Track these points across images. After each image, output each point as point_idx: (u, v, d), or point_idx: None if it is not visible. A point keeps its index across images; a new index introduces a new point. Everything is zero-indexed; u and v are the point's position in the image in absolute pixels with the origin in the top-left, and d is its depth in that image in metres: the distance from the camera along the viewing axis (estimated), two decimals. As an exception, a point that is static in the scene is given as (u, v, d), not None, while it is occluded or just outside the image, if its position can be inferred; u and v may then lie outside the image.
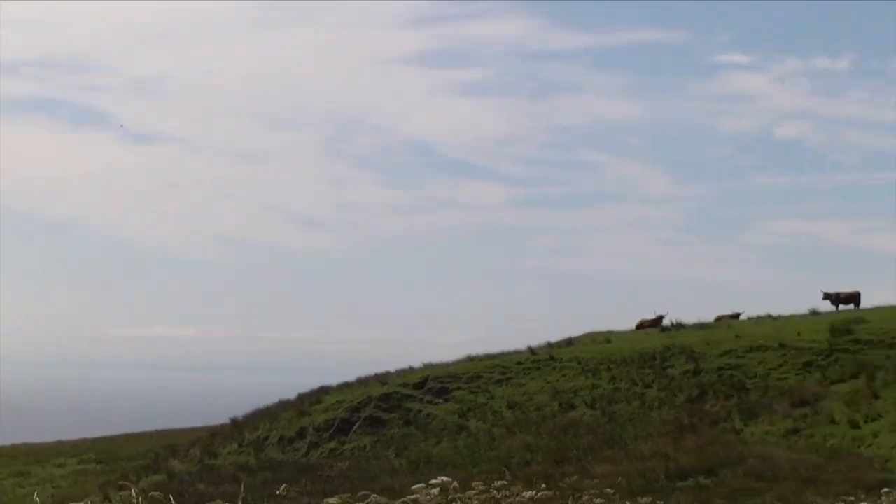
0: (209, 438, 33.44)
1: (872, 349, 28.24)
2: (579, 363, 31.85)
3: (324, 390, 34.90)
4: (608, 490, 6.16)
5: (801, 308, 35.77)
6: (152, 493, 5.40)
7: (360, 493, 5.12)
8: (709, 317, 37.50)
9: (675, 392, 28.44)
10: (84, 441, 39.14)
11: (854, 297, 36.01)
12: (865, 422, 23.63)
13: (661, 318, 37.18)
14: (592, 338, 36.33)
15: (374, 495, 5.44)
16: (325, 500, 4.85)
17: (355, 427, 30.92)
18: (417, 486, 5.45)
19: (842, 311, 34.67)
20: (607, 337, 35.91)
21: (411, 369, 34.81)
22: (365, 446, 29.60)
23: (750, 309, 40.53)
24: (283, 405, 34.50)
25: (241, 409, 35.26)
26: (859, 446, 22.22)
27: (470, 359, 34.90)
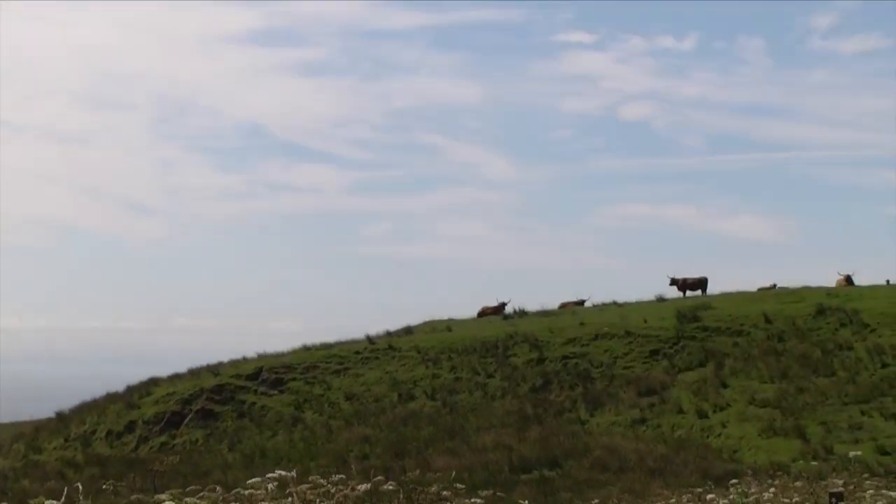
0: (33, 433, 32.54)
1: (720, 336, 28.82)
2: (419, 352, 31.84)
3: (154, 382, 34.29)
4: (458, 486, 6.02)
5: (647, 294, 36.44)
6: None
7: (190, 489, 4.84)
8: (553, 304, 38.14)
9: (519, 382, 28.67)
10: None
11: (701, 283, 36.46)
12: (714, 411, 23.95)
13: (503, 305, 37.49)
14: (433, 326, 36.35)
15: (205, 491, 5.15)
16: (156, 496, 4.56)
17: (187, 420, 30.45)
18: (253, 480, 5.20)
19: (689, 298, 35.18)
20: (448, 325, 35.80)
21: (245, 360, 34.39)
22: (197, 440, 29.12)
23: (595, 296, 41.35)
24: (112, 398, 33.83)
25: (68, 402, 34.64)
26: (707, 437, 22.55)
27: (306, 348, 34.71)
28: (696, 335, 29.47)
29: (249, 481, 5.37)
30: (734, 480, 10.82)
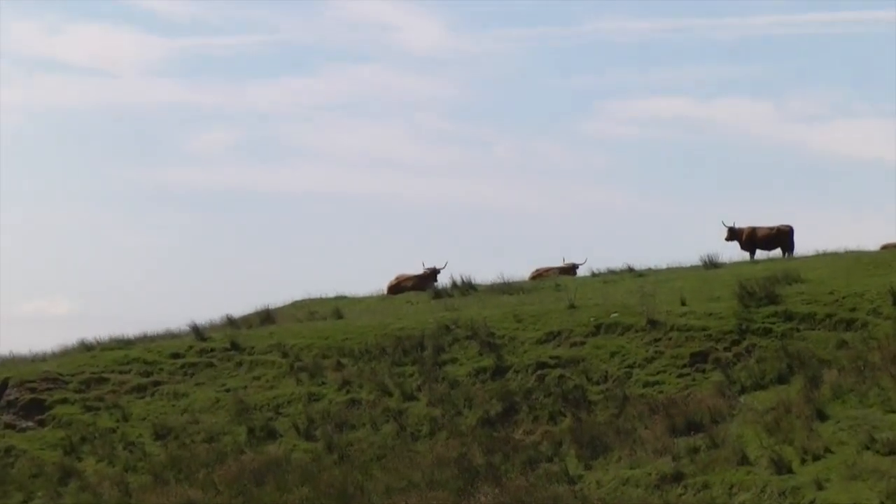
0: None
1: (814, 330, 27.63)
2: (285, 355, 31.00)
3: None
4: None
5: (687, 255, 36.93)
6: None
7: None
8: (522, 272, 38.99)
9: (461, 408, 27.73)
10: None
11: (781, 237, 37.00)
12: (803, 462, 22.64)
13: (433, 272, 38.63)
14: (309, 308, 36.67)
15: None
16: None
17: None
18: None
19: (760, 262, 35.29)
20: (336, 306, 35.54)
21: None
22: None
23: (595, 257, 43.09)
24: None
25: None
26: (794, 509, 21.85)
27: (86, 347, 34.23)
28: (773, 327, 28.01)
29: None
30: None
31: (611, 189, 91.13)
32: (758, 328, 28.27)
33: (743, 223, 37.86)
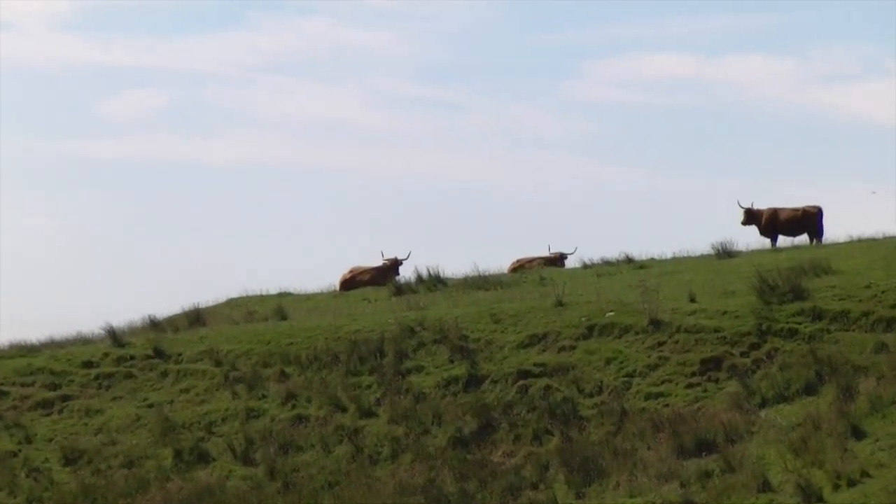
0: None
1: (847, 331, 27.56)
2: (218, 363, 30.85)
3: None
4: None
5: (696, 243, 37.77)
6: None
7: None
8: (499, 264, 39.20)
9: (429, 425, 27.71)
10: None
11: (807, 220, 37.33)
12: (836, 488, 22.72)
13: (394, 263, 39.11)
14: (247, 307, 36.97)
15: None
16: None
17: None
18: None
19: (783, 249, 35.63)
20: (279, 304, 35.48)
21: None
22: None
23: (586, 246, 44.25)
24: None
25: None
26: (823, 545, 22.02)
27: None
28: (799, 328, 27.95)
29: None
30: None
31: (605, 164, 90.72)
32: (781, 329, 28.16)
33: (762, 204, 38.00)
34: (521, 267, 39.40)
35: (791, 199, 37.98)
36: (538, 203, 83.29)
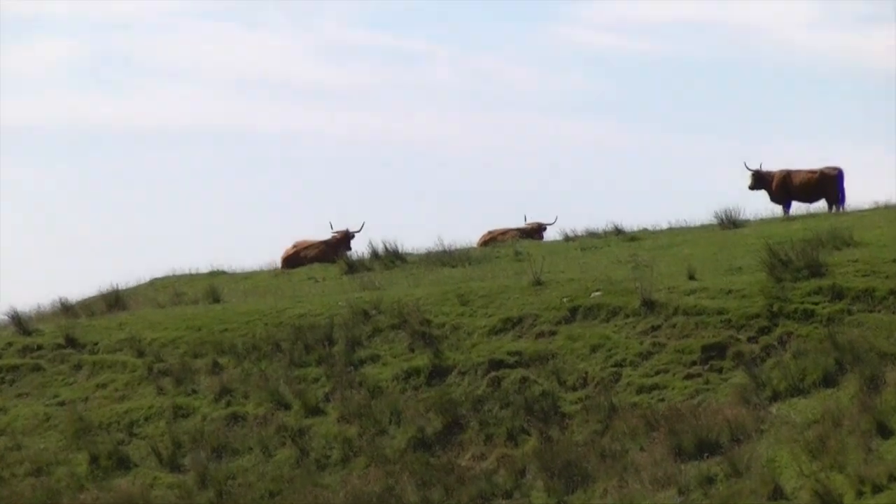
0: None
1: (871, 312, 27.49)
2: (140, 354, 30.76)
3: None
4: None
5: (696, 211, 38.19)
6: None
7: None
8: (468, 235, 39.47)
9: (385, 424, 27.75)
10: None
11: (827, 183, 37.50)
12: (859, 495, 22.81)
13: (345, 237, 39.38)
14: (175, 289, 37.10)
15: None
16: None
17: None
18: None
19: (797, 217, 35.95)
20: (211, 286, 35.32)
21: None
22: None
23: (568, 216, 44.31)
24: None
25: None
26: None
27: None
28: (816, 309, 27.79)
29: None
30: None
31: (591, 121, 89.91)
32: (795, 310, 28.03)
33: (774, 165, 38.15)
34: (492, 240, 39.57)
35: (807, 160, 38.20)
36: (512, 167, 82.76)
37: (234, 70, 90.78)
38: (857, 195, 36.95)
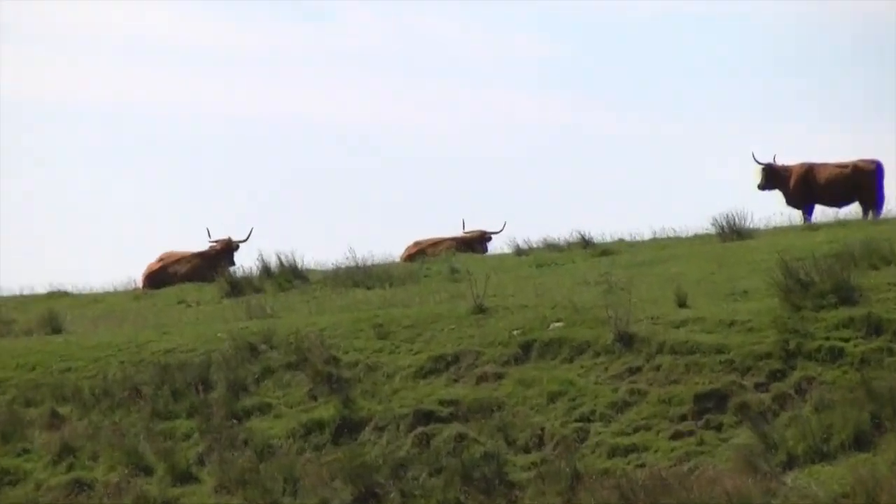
0: None
1: None
2: None
3: None
4: None
5: (688, 215, 36.21)
6: None
7: None
8: (390, 248, 39.10)
9: (280, 496, 25.91)
10: None
11: (861, 180, 36.28)
12: None
13: (230, 246, 39.59)
14: (0, 313, 35.50)
15: None
16: None
17: None
18: None
19: (821, 225, 35.03)
20: (50, 311, 33.69)
21: None
22: None
23: (519, 222, 44.48)
24: None
25: None
26: None
27: None
28: (846, 347, 25.93)
29: None
30: None
31: (548, 97, 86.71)
32: (818, 349, 25.97)
33: (791, 157, 37.22)
34: (420, 253, 39.00)
35: (835, 150, 36.31)
36: (448, 158, 79.97)
37: (98, 32, 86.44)
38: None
